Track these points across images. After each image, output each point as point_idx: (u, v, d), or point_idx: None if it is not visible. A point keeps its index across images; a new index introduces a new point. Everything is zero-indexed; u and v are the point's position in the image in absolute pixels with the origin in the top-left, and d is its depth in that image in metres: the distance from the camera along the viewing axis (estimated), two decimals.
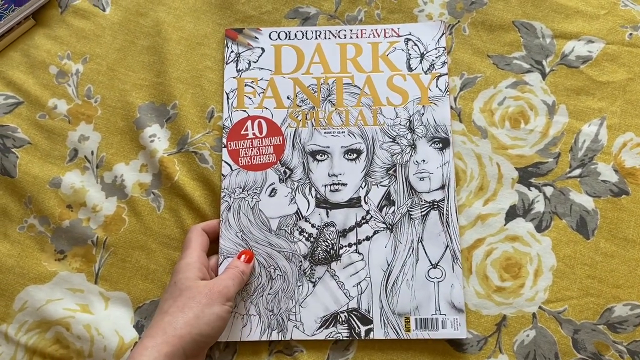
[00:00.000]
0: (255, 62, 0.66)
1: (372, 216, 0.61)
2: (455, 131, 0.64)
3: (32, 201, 0.63)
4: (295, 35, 0.67)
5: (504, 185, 0.62)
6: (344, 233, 0.61)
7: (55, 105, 0.66)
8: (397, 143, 0.63)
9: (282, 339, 0.58)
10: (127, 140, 0.65)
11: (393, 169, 0.62)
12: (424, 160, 0.62)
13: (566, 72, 0.65)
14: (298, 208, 0.61)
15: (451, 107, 0.64)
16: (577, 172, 0.62)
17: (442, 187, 0.61)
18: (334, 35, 0.67)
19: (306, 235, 0.61)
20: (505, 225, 0.61)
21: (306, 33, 0.67)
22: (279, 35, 0.67)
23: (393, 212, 0.61)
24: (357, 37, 0.67)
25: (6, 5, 0.67)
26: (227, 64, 0.66)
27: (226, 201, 0.61)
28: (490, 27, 0.67)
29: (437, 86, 0.64)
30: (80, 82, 0.67)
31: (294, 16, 0.68)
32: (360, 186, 0.62)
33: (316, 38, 0.67)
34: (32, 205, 0.63)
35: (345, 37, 0.67)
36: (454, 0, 0.68)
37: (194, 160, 0.64)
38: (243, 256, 0.59)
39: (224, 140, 0.63)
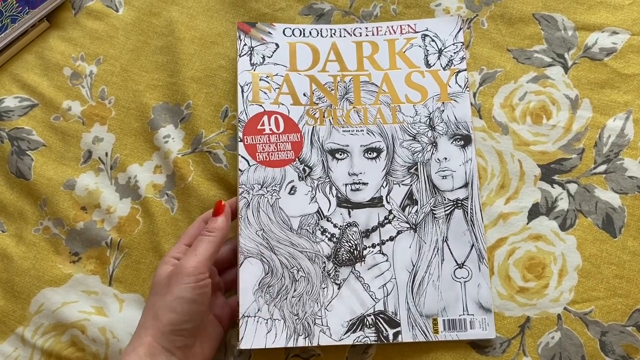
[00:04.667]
0: (269, 57, 0.64)
1: (394, 216, 0.59)
2: (475, 127, 0.62)
3: (47, 203, 0.63)
4: (310, 32, 0.65)
5: (526, 182, 0.61)
6: (367, 233, 0.59)
7: (69, 107, 0.66)
8: (418, 141, 0.61)
9: (309, 345, 0.56)
10: (141, 141, 0.64)
11: (414, 167, 0.61)
12: (445, 158, 0.61)
13: (589, 65, 0.63)
14: (319, 207, 0.60)
15: (470, 103, 0.63)
16: (602, 168, 0.60)
17: (465, 185, 0.60)
18: (349, 33, 0.65)
19: (329, 236, 0.59)
20: (527, 224, 0.59)
21: (321, 31, 0.65)
22: (293, 32, 0.65)
23: (416, 211, 0.59)
24: (373, 34, 0.65)
25: (20, 8, 0.67)
26: (240, 56, 0.64)
27: (244, 197, 0.59)
28: (510, 20, 0.65)
29: (456, 82, 0.63)
30: (94, 84, 0.66)
31: (308, 12, 0.67)
32: (382, 185, 0.60)
33: (331, 36, 0.65)
34: (46, 208, 0.63)
35: (361, 35, 0.65)
36: None
37: (208, 159, 0.63)
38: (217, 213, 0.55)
39: (240, 134, 0.61)
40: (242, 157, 0.61)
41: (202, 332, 0.54)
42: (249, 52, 0.64)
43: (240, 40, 0.65)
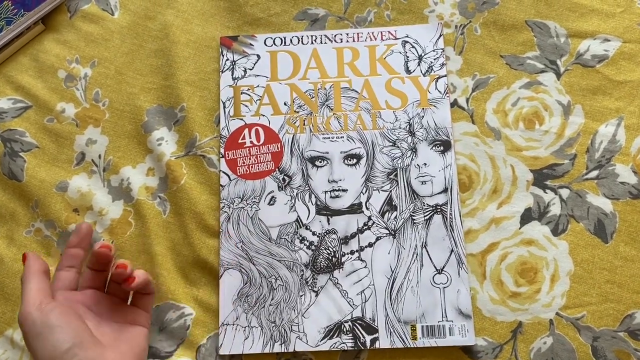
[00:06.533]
0: (251, 70, 0.65)
1: (374, 222, 0.60)
2: (467, 132, 0.62)
3: (39, 205, 0.63)
4: (291, 40, 0.66)
5: (519, 187, 0.61)
6: (345, 240, 0.59)
7: (63, 109, 0.66)
8: (398, 147, 0.62)
9: (285, 350, 0.57)
10: (135, 144, 0.64)
11: (394, 173, 0.61)
12: (425, 164, 0.61)
13: (581, 71, 0.63)
14: (298, 216, 0.60)
15: (463, 109, 0.63)
16: (594, 173, 0.60)
17: (445, 190, 0.60)
18: (330, 40, 0.66)
19: (307, 244, 0.59)
20: (520, 228, 0.59)
21: (302, 38, 0.66)
22: (274, 42, 0.66)
23: (395, 217, 0.59)
24: (353, 40, 0.66)
25: (16, 10, 0.67)
26: (222, 72, 0.65)
27: (225, 212, 0.60)
28: (503, 27, 0.66)
29: (436, 88, 0.63)
30: (88, 86, 0.66)
31: (303, 18, 0.68)
32: (361, 192, 0.60)
33: (312, 43, 0.66)
34: (38, 209, 0.62)
35: (341, 42, 0.66)
36: (465, 0, 0.67)
37: (201, 163, 0.63)
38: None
39: (222, 150, 0.63)
40: (223, 172, 0.62)
41: (107, 341, 0.52)
42: (231, 66, 0.65)
43: (223, 56, 0.66)
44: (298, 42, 0.66)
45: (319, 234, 0.60)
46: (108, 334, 0.53)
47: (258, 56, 0.66)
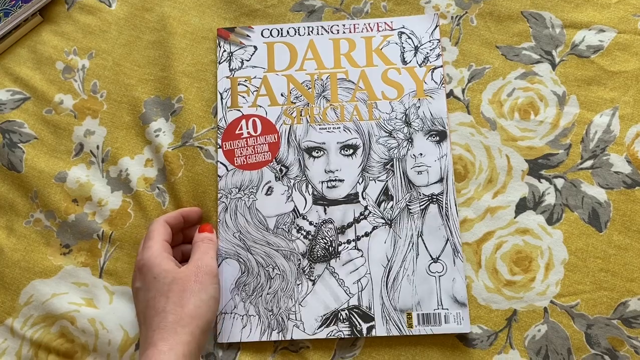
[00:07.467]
0: (248, 61, 0.66)
1: (370, 212, 0.60)
2: (463, 123, 0.63)
3: (38, 196, 0.63)
4: (288, 32, 0.66)
5: (514, 177, 0.61)
6: (342, 230, 0.60)
7: (61, 100, 0.66)
8: (394, 137, 0.62)
9: (282, 339, 0.57)
10: (133, 135, 0.65)
11: (390, 163, 0.61)
12: (421, 154, 0.61)
13: (577, 62, 0.64)
14: (295, 206, 0.61)
15: (459, 99, 0.63)
16: (589, 163, 0.61)
17: (441, 180, 0.60)
18: (326, 31, 0.66)
19: (304, 233, 0.60)
20: (515, 218, 0.60)
21: (299, 29, 0.66)
22: (271, 33, 0.66)
23: (391, 207, 0.60)
24: (350, 32, 0.66)
25: (13, 2, 0.67)
26: (219, 63, 0.66)
27: (223, 202, 0.61)
28: (499, 17, 0.66)
29: (432, 79, 0.64)
30: (86, 78, 0.67)
31: (299, 9, 0.68)
32: (358, 182, 0.61)
33: (309, 34, 0.66)
34: (38, 200, 0.63)
35: (338, 33, 0.66)
36: None
37: (199, 155, 0.63)
38: (206, 230, 0.59)
39: (219, 141, 0.63)
40: (220, 163, 0.62)
41: None
42: (228, 58, 0.66)
43: (220, 47, 0.66)
44: (295, 34, 0.66)
45: (316, 223, 0.60)
46: None
47: (255, 47, 0.66)
